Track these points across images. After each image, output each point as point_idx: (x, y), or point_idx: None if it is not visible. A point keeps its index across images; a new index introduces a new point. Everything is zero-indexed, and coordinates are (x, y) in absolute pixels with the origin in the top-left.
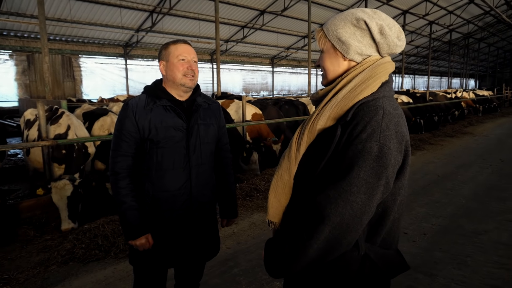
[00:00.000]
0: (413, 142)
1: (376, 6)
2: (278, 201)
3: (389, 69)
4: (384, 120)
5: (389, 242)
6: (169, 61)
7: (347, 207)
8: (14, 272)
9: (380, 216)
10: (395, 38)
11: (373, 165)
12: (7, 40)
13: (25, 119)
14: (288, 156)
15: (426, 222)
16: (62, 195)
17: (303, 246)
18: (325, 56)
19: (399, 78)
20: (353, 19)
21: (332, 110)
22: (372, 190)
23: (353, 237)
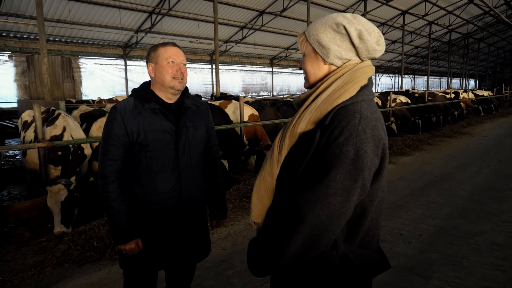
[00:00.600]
0: (412, 142)
1: (375, 6)
2: (260, 202)
3: (368, 73)
4: (361, 124)
5: (368, 242)
6: (158, 64)
7: (324, 209)
8: (9, 274)
9: (358, 216)
10: (373, 43)
11: (350, 168)
12: (6, 41)
13: (23, 121)
14: (271, 159)
15: (422, 223)
16: (56, 199)
17: (282, 245)
18: (307, 59)
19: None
20: (333, 24)
21: (312, 114)
22: (349, 192)
23: (331, 238)
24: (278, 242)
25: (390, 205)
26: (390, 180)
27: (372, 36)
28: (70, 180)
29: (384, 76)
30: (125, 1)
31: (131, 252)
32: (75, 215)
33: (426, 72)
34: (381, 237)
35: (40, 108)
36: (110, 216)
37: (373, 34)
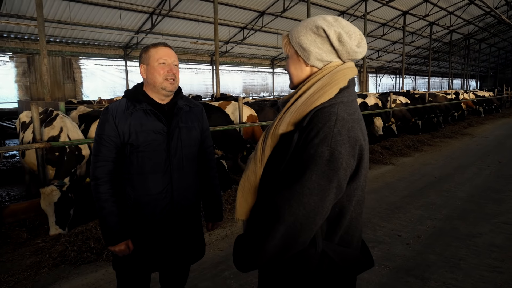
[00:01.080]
0: (412, 143)
1: (376, 7)
2: (245, 200)
3: (348, 75)
4: (337, 126)
5: (348, 240)
6: (150, 65)
7: (300, 208)
8: (5, 275)
9: (337, 215)
10: (354, 46)
11: (325, 168)
12: (7, 42)
13: (21, 121)
14: (254, 159)
15: (420, 224)
16: (49, 201)
17: (262, 243)
18: (290, 61)
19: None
20: (313, 26)
21: (291, 116)
22: (324, 192)
23: (308, 236)
24: (258, 239)
25: (389, 206)
26: (390, 181)
27: (352, 38)
28: (64, 181)
29: (385, 77)
30: (126, 2)
31: (121, 254)
32: (71, 215)
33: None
34: (379, 239)
35: (38, 109)
36: (101, 217)
37: (353, 36)
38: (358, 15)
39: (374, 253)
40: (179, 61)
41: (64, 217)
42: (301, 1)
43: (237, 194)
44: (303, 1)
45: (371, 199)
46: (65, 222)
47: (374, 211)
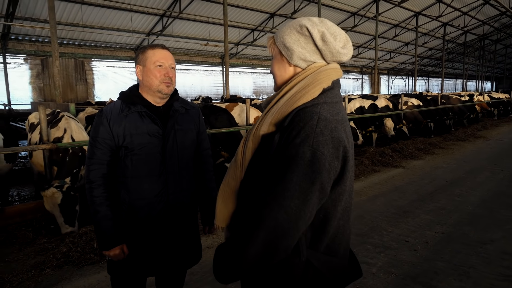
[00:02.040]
0: (423, 146)
1: (388, 8)
2: (225, 206)
3: (332, 75)
4: (319, 126)
5: (334, 249)
6: (146, 67)
7: (281, 212)
8: (9, 275)
9: (322, 222)
10: (338, 47)
11: (306, 170)
12: (21, 44)
13: (29, 123)
14: (235, 162)
15: (429, 230)
16: (53, 203)
17: (242, 250)
18: (274, 61)
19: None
20: (297, 26)
21: (273, 117)
22: (306, 195)
23: (290, 242)
24: (238, 247)
25: (397, 210)
26: (399, 185)
27: (338, 40)
28: (65, 181)
29: (397, 79)
30: (137, 5)
31: (116, 258)
32: (77, 211)
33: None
34: (386, 244)
35: (46, 110)
36: (95, 221)
37: (338, 37)
38: (369, 16)
39: (380, 258)
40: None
41: (71, 215)
42: (312, 2)
43: (217, 200)
44: (314, 3)
45: (379, 203)
46: (73, 219)
47: (381, 215)
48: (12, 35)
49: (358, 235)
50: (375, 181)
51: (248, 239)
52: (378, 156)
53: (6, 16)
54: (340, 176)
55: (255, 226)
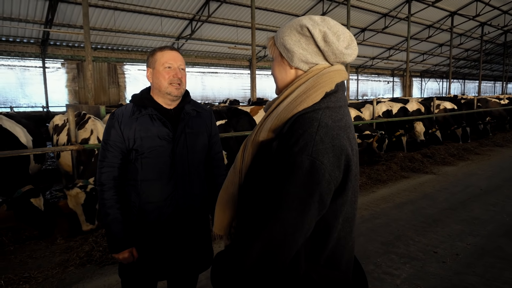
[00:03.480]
0: (456, 151)
1: (421, 8)
2: (223, 213)
3: (335, 78)
4: (319, 133)
5: (335, 263)
6: (155, 69)
7: (277, 224)
8: (35, 271)
9: (322, 233)
10: (341, 47)
11: (305, 180)
12: (59, 49)
13: (54, 124)
14: (234, 168)
15: (460, 241)
16: (76, 202)
17: (238, 262)
18: (274, 64)
19: (446, 83)
20: (297, 26)
21: (272, 122)
22: (304, 207)
23: (287, 255)
24: (235, 258)
25: (426, 219)
26: (429, 192)
27: (341, 39)
28: (88, 181)
29: (430, 81)
30: (167, 9)
31: (125, 261)
32: (97, 210)
33: (478, 76)
34: (412, 254)
35: (73, 112)
36: (105, 224)
37: (342, 37)
38: (401, 17)
39: (405, 270)
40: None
41: (92, 213)
42: (341, 4)
43: (216, 206)
44: (343, 4)
45: (406, 210)
46: (94, 217)
47: (408, 223)
48: (51, 41)
49: (383, 243)
50: (403, 187)
51: (245, 250)
52: (407, 162)
53: (46, 23)
54: (342, 186)
55: (251, 237)
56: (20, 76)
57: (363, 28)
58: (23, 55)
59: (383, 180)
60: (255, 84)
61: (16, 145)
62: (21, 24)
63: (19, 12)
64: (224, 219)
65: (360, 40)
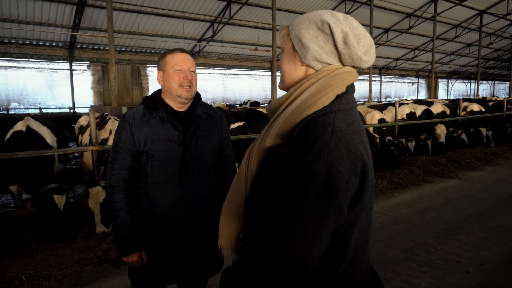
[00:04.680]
0: (484, 155)
1: (447, 7)
2: (229, 225)
3: (347, 79)
4: (333, 139)
5: (353, 274)
6: (166, 71)
7: (293, 238)
8: (55, 269)
9: (338, 245)
10: (360, 52)
11: (321, 190)
12: (85, 52)
13: (79, 125)
14: (239, 176)
15: (485, 250)
16: (96, 200)
17: (253, 281)
18: (284, 56)
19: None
20: (318, 21)
21: (280, 127)
22: (321, 219)
23: (305, 272)
24: (248, 276)
25: (449, 226)
26: (453, 198)
27: (361, 44)
28: None
29: (457, 82)
30: (189, 12)
31: (134, 265)
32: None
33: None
34: (433, 263)
35: (95, 114)
36: (115, 226)
37: (363, 41)
38: (426, 16)
39: (425, 279)
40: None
41: (108, 216)
42: (364, 4)
43: (220, 218)
44: (366, 5)
45: (428, 216)
46: (110, 221)
47: (430, 230)
48: (78, 44)
49: (402, 250)
50: (425, 192)
51: (259, 268)
52: (430, 166)
53: (73, 27)
54: (358, 194)
55: (265, 255)
56: (48, 78)
57: (386, 29)
58: (52, 58)
59: (404, 185)
60: (275, 85)
61: (42, 145)
62: (50, 29)
63: (48, 17)
64: (231, 232)
65: (383, 41)
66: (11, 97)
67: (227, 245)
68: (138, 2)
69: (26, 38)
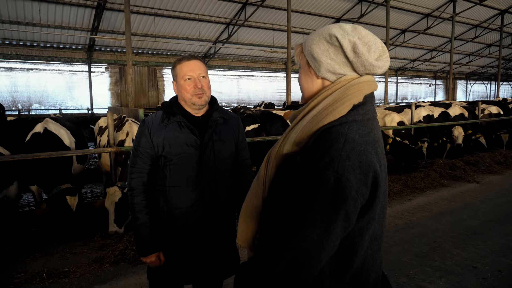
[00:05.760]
0: (503, 159)
1: (467, 7)
2: (246, 225)
3: (364, 89)
4: (345, 149)
5: (362, 280)
6: (178, 82)
7: (301, 242)
8: (74, 266)
9: (347, 251)
10: (371, 59)
11: (329, 198)
12: (103, 54)
13: (98, 126)
14: (257, 180)
15: (504, 256)
16: (112, 200)
17: (261, 279)
18: (301, 72)
19: (494, 86)
20: (326, 35)
21: (297, 135)
22: (329, 225)
23: (311, 274)
24: (258, 274)
25: (466, 231)
26: (470, 202)
27: (372, 51)
28: (126, 183)
29: (477, 84)
30: (205, 14)
31: (152, 265)
32: (129, 216)
33: None
34: (449, 268)
35: (113, 115)
36: (134, 228)
37: (373, 48)
38: (445, 17)
39: (440, 284)
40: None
41: (122, 217)
42: (380, 5)
43: (239, 218)
44: (382, 5)
45: (444, 221)
46: (123, 222)
47: (446, 235)
48: (96, 47)
49: (417, 255)
50: (442, 196)
51: (267, 268)
52: (447, 169)
53: (92, 30)
54: (369, 203)
55: (274, 255)
56: (68, 80)
57: (403, 30)
58: (71, 60)
59: (420, 188)
60: (290, 87)
61: (60, 146)
62: (70, 32)
63: (68, 21)
64: (248, 231)
65: (400, 42)
66: (32, 99)
67: (244, 243)
68: (155, 5)
69: (47, 41)
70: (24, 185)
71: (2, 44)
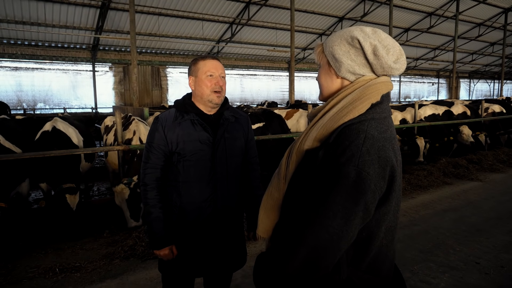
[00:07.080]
0: (506, 157)
1: (470, 6)
2: (267, 217)
3: (381, 90)
4: (365, 145)
5: (377, 269)
6: (198, 77)
7: (323, 231)
8: (85, 262)
9: (365, 241)
10: (390, 61)
11: (350, 190)
12: (108, 54)
13: (105, 125)
14: (278, 174)
15: (506, 252)
16: (121, 198)
17: (283, 266)
18: (321, 71)
19: (498, 84)
20: (348, 37)
21: (318, 132)
22: (349, 216)
23: (331, 261)
24: (279, 262)
25: (469, 228)
26: (473, 200)
27: (390, 53)
28: (132, 179)
29: (480, 82)
30: (208, 14)
31: (165, 258)
32: (142, 208)
33: None
34: (452, 264)
35: (120, 114)
36: (148, 222)
37: (392, 51)
38: (448, 15)
39: (443, 279)
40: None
41: (136, 211)
42: (383, 4)
43: (260, 210)
44: (385, 4)
45: (447, 218)
46: (138, 215)
47: (449, 232)
48: (100, 46)
49: (421, 251)
50: (445, 194)
51: (289, 255)
52: (451, 167)
53: (96, 29)
54: (386, 196)
55: (296, 243)
56: (72, 79)
57: (406, 28)
58: (76, 59)
59: (423, 186)
60: (293, 86)
61: (68, 145)
62: (75, 31)
63: (73, 20)
64: (268, 223)
65: (403, 41)
66: (37, 98)
67: (264, 234)
68: (159, 4)
69: (52, 41)
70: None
71: (7, 43)
